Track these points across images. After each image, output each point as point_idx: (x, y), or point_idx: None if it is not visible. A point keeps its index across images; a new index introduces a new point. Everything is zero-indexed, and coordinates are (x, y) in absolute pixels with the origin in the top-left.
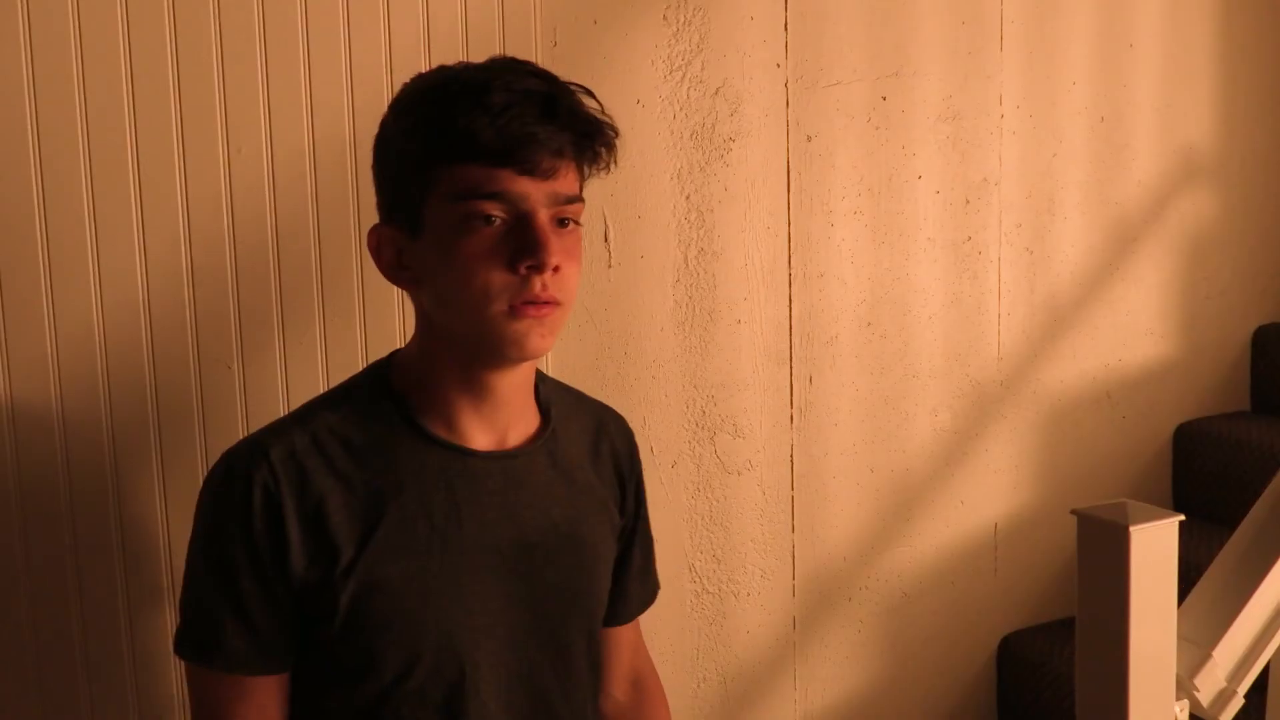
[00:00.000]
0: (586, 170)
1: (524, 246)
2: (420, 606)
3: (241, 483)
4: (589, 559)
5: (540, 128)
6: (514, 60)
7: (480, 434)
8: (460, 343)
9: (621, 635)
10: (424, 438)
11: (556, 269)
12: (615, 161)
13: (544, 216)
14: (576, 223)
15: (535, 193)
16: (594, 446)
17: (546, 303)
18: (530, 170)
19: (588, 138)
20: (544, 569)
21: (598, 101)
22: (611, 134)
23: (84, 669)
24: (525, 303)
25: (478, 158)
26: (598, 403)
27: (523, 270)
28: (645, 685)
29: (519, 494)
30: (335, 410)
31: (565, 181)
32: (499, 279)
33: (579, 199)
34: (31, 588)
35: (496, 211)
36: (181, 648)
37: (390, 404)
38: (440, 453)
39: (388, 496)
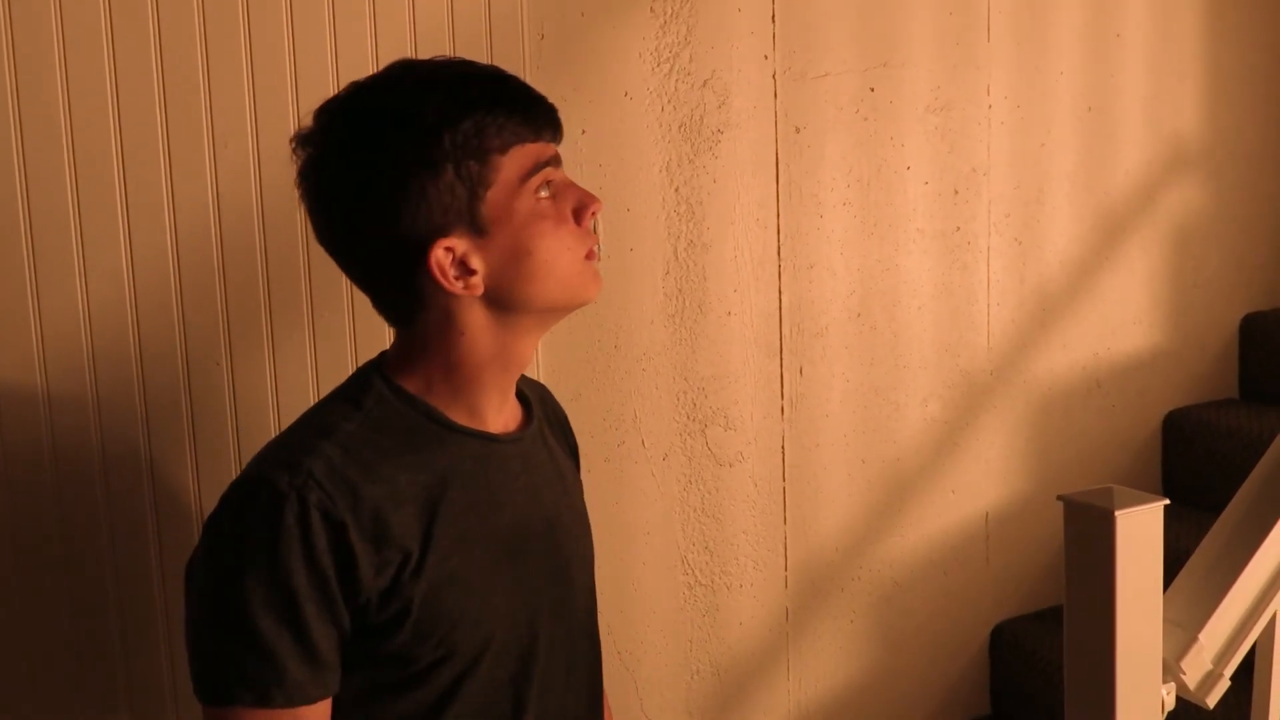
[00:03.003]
0: None
1: (583, 200)
2: (488, 593)
3: (295, 507)
4: (584, 528)
5: (541, 103)
6: (426, 59)
7: (497, 418)
8: (537, 311)
9: None
10: (452, 429)
11: None
12: None
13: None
14: None
15: (559, 156)
16: (548, 420)
17: (595, 243)
18: (555, 138)
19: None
20: (562, 542)
21: None
22: None
23: (76, 678)
24: (590, 249)
25: (525, 139)
26: (528, 378)
27: (587, 220)
28: None
29: (534, 474)
30: (350, 418)
31: (560, 142)
32: (576, 236)
33: None
34: (19, 589)
35: (553, 178)
36: (223, 694)
37: (405, 403)
38: (470, 442)
39: (435, 492)
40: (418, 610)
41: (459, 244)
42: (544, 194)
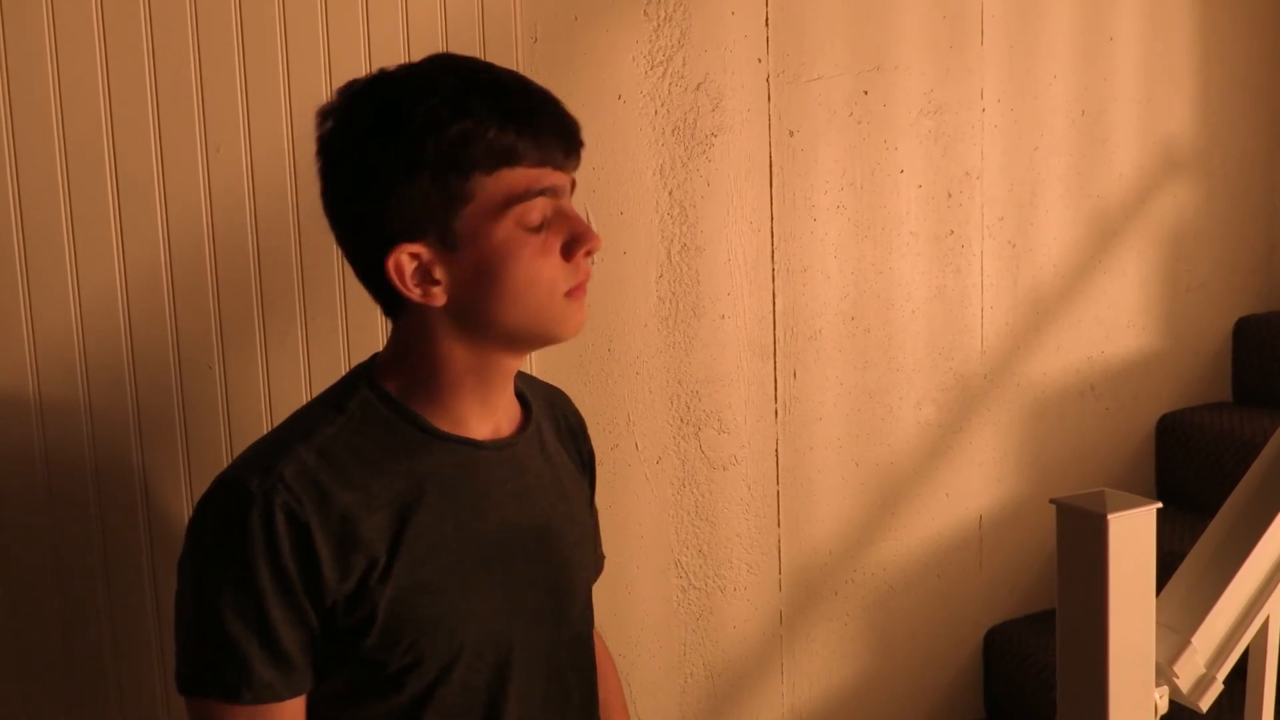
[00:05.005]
0: None
1: (576, 236)
2: (461, 601)
3: (261, 509)
4: (581, 536)
5: (559, 125)
6: (466, 57)
7: (481, 425)
8: (501, 337)
9: None
10: (434, 435)
11: None
12: None
13: (571, 203)
14: None
15: (565, 183)
16: (555, 425)
17: (585, 281)
18: (564, 165)
19: (578, 128)
20: (552, 551)
21: None
22: None
23: (67, 677)
24: (577, 286)
25: (521, 162)
26: (543, 382)
27: (578, 258)
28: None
29: (524, 480)
30: (332, 422)
31: (574, 168)
32: (559, 271)
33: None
34: (11, 592)
35: (545, 208)
36: (200, 688)
37: (388, 407)
38: (453, 448)
39: (411, 498)
40: (384, 616)
41: (425, 252)
42: (531, 224)
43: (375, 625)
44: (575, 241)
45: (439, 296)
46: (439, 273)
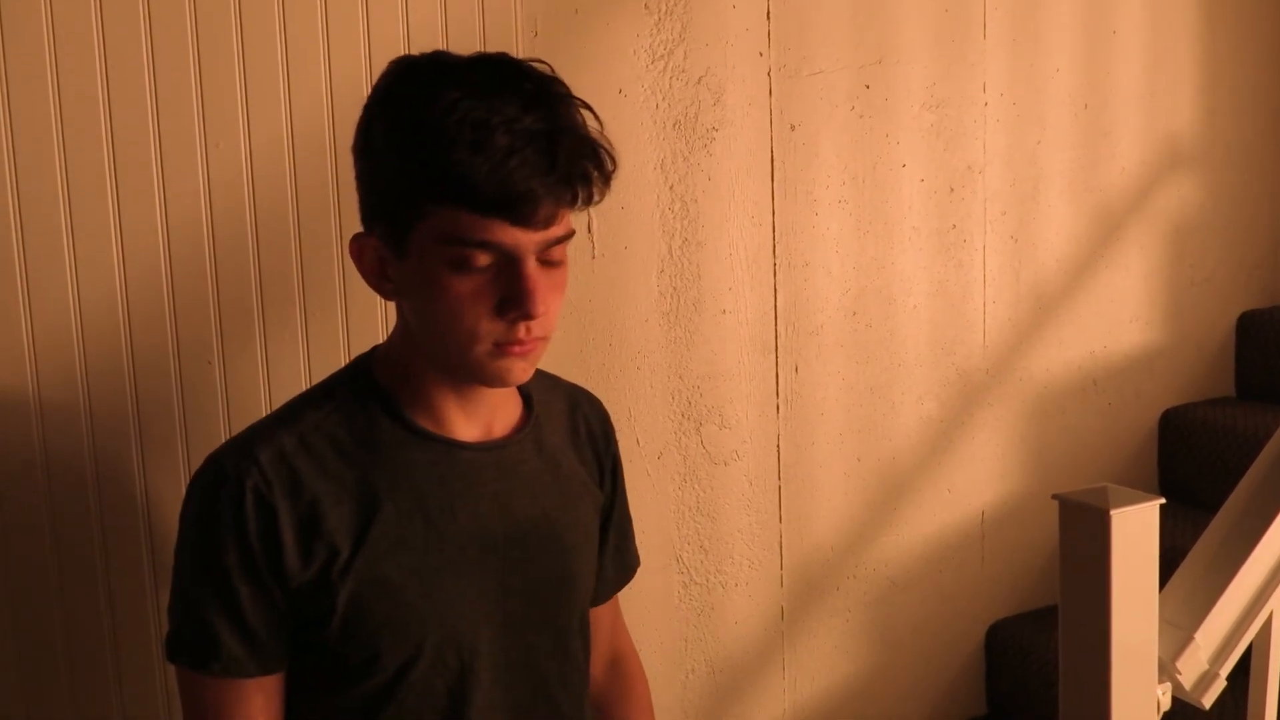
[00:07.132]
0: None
1: (512, 297)
2: (421, 601)
3: (232, 488)
4: (579, 544)
5: (539, 181)
6: (511, 70)
7: (466, 426)
8: (435, 361)
9: (598, 615)
10: (414, 433)
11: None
12: (609, 186)
13: (533, 263)
14: (564, 257)
15: (527, 242)
16: (572, 429)
17: (530, 342)
18: (525, 222)
19: (585, 182)
20: (537, 557)
21: (597, 118)
22: (610, 167)
23: (67, 670)
24: (510, 343)
25: (472, 205)
26: (570, 384)
27: (510, 318)
28: (623, 665)
29: (510, 484)
30: (320, 409)
31: (559, 226)
32: (485, 324)
33: (569, 235)
34: (11, 590)
35: (485, 259)
36: (174, 654)
37: (376, 400)
38: (432, 447)
39: (382, 493)
40: (344, 608)
41: (382, 248)
42: (469, 266)
43: (336, 616)
44: (507, 303)
45: (391, 294)
46: (392, 272)
